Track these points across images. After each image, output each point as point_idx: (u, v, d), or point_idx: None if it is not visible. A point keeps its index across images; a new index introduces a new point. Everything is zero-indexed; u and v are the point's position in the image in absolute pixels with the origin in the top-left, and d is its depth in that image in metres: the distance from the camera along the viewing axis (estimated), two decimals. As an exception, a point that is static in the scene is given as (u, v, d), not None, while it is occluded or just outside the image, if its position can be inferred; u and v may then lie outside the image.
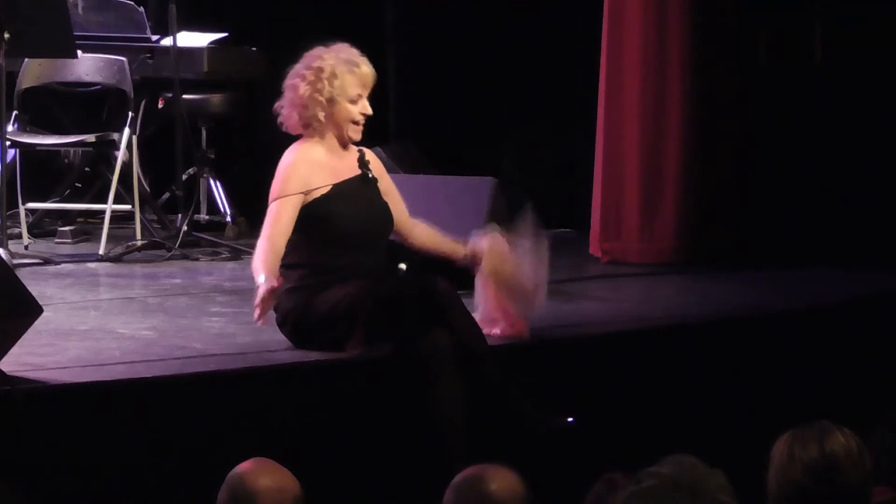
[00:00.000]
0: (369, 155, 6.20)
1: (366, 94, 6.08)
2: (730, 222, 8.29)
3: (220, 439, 5.19)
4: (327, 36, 7.50)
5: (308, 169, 6.02)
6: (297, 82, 6.08)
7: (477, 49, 8.94)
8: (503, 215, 7.46)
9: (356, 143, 6.16)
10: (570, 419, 5.90)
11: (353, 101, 6.05)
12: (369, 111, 6.09)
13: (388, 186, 6.21)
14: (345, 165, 6.12)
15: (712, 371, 6.52)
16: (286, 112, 6.11)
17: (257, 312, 5.75)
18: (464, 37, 8.98)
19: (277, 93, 8.74)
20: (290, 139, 6.16)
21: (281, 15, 9.05)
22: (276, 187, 6.05)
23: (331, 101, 6.04)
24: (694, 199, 8.25)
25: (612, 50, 8.31)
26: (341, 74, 6.04)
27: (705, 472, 4.01)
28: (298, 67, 6.11)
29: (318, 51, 6.14)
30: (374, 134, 7.28)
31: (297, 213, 5.97)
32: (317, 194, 6.03)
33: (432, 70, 7.97)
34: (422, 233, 6.21)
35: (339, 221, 6.01)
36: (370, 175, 6.14)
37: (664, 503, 3.83)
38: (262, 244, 5.97)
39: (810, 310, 7.29)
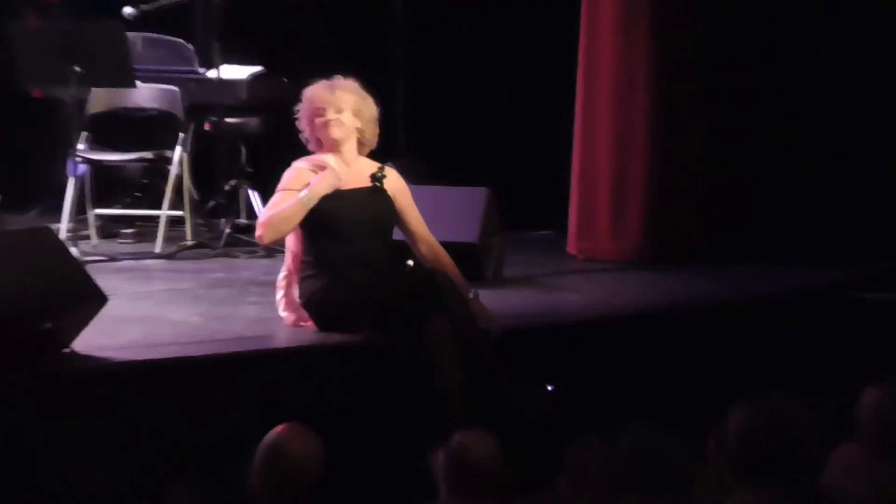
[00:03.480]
0: (390, 173, 6.16)
1: (329, 107, 6.04)
2: (690, 224, 8.19)
3: (255, 409, 5.18)
4: (344, 65, 7.49)
5: (311, 174, 6.02)
6: (311, 97, 6.12)
7: (475, 74, 8.92)
8: (495, 220, 7.47)
9: (373, 158, 6.16)
10: (549, 387, 5.90)
11: (319, 115, 6.04)
12: (330, 118, 6.03)
13: (404, 202, 6.16)
14: (353, 177, 6.08)
15: (672, 352, 6.48)
16: (301, 122, 6.15)
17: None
18: (463, 65, 8.96)
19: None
20: (302, 153, 6.19)
21: (307, 50, 9.03)
22: (282, 182, 6.09)
23: (309, 120, 6.08)
24: (657, 203, 8.18)
25: (588, 73, 8.26)
26: (307, 99, 6.08)
27: (665, 438, 4.00)
28: (319, 86, 6.14)
29: (338, 78, 6.15)
30: (385, 151, 7.29)
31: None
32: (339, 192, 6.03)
33: (435, 94, 7.93)
34: (425, 249, 6.15)
35: (337, 222, 5.98)
36: (379, 186, 6.09)
37: (632, 464, 3.82)
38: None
39: (759, 300, 7.25)
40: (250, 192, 8.66)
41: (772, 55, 8.24)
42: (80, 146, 8.13)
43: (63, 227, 7.82)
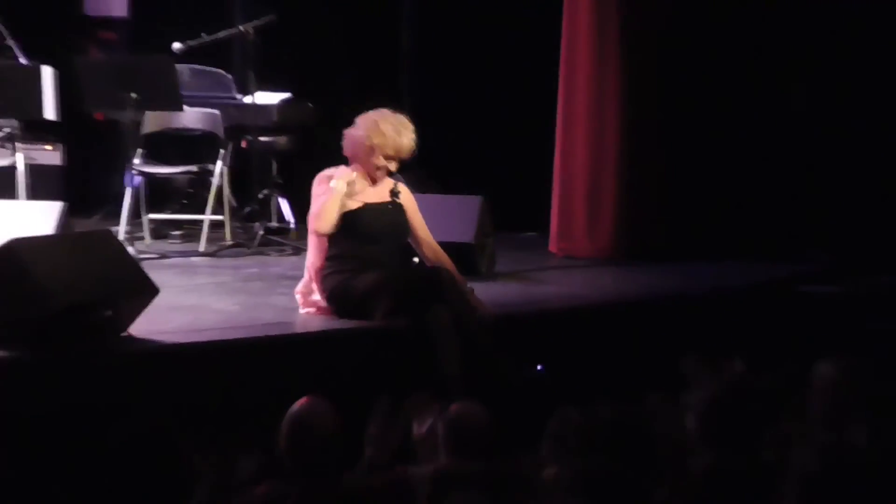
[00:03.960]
0: (403, 189, 6.16)
1: (397, 158, 6.02)
2: (656, 225, 8.18)
3: (284, 384, 5.18)
4: (359, 92, 7.47)
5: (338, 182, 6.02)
6: (361, 125, 6.05)
7: (471, 99, 8.91)
8: (487, 223, 7.48)
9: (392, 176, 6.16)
10: (539, 367, 5.91)
11: (387, 158, 6.02)
12: (392, 169, 6.05)
13: (413, 213, 6.18)
14: (376, 192, 6.09)
15: (639, 337, 6.49)
16: (347, 140, 6.08)
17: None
18: (461, 92, 8.96)
19: (326, 135, 8.75)
20: (324, 166, 6.17)
21: (328, 79, 9.04)
22: (317, 189, 6.08)
23: (371, 149, 6.01)
24: (627, 208, 8.17)
25: (567, 97, 8.26)
26: (390, 133, 6.00)
27: (633, 409, 4.01)
28: (371, 114, 6.06)
29: (386, 112, 6.08)
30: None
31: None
32: (352, 207, 6.03)
33: (437, 114, 7.93)
34: (427, 250, 6.17)
35: (363, 228, 6.01)
36: (397, 201, 6.10)
37: (604, 432, 3.83)
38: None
39: (716, 293, 7.25)
40: (280, 199, 8.70)
41: (724, 76, 8.21)
42: (136, 161, 8.16)
43: (121, 230, 7.83)
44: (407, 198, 6.20)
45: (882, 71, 8.09)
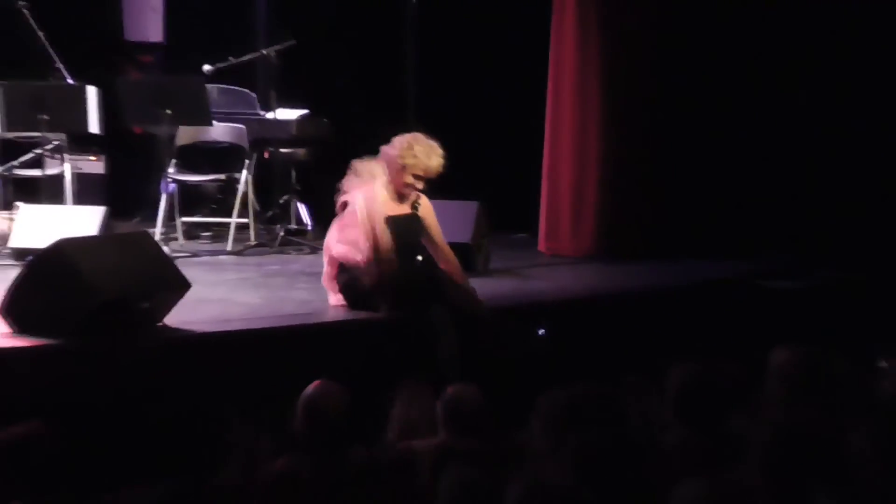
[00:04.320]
0: (423, 201, 6.08)
1: (425, 178, 5.96)
2: (632, 227, 8.13)
3: (300, 367, 5.19)
4: (369, 110, 7.41)
5: (381, 206, 5.94)
6: (396, 145, 5.96)
7: (470, 114, 8.90)
8: (484, 225, 7.48)
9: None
10: (540, 331, 5.90)
11: (416, 177, 5.96)
12: (419, 188, 5.98)
13: (431, 222, 6.11)
14: (399, 205, 6.03)
15: (618, 326, 6.48)
16: (382, 156, 6.00)
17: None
18: (461, 108, 8.94)
19: (339, 148, 8.77)
20: (343, 176, 6.14)
21: (341, 98, 9.04)
22: (367, 210, 5.96)
23: (403, 168, 5.96)
24: (606, 212, 8.12)
25: (554, 113, 8.23)
26: (420, 156, 5.94)
27: (611, 388, 4.02)
28: (407, 136, 5.99)
29: (419, 136, 6.01)
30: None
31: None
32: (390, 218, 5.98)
33: (439, 127, 7.91)
34: (438, 252, 6.12)
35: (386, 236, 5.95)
36: (416, 212, 6.05)
37: (586, 407, 3.83)
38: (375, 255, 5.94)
39: (686, 287, 7.23)
40: (299, 204, 8.69)
41: (695, 92, 8.15)
42: (170, 170, 8.15)
43: (157, 231, 7.82)
44: (426, 210, 6.13)
45: (841, 77, 8.02)
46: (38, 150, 8.00)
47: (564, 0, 8.15)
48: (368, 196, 5.97)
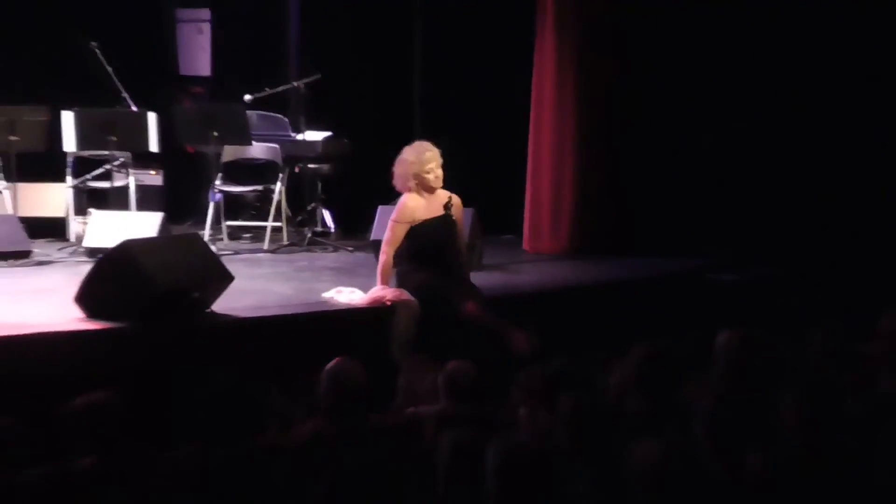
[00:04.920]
0: (455, 202, 5.95)
1: (433, 165, 5.84)
2: (603, 229, 8.06)
3: (325, 346, 5.18)
4: (382, 132, 7.35)
5: (412, 211, 5.87)
6: (400, 166, 5.88)
7: (465, 133, 8.82)
8: (477, 228, 7.47)
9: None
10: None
11: (427, 172, 5.86)
12: (439, 174, 5.87)
13: (458, 216, 6.00)
14: (434, 207, 5.90)
15: (589, 313, 6.45)
16: (397, 181, 5.91)
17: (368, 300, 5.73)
18: (458, 128, 8.88)
19: (358, 164, 8.76)
20: (360, 187, 6.10)
21: (359, 121, 9.04)
22: (394, 215, 5.88)
23: (416, 175, 5.85)
24: (580, 217, 8.07)
25: (535, 130, 8.18)
26: (409, 160, 5.86)
27: (580, 363, 4.02)
28: (401, 157, 5.89)
29: (414, 143, 5.93)
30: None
31: (404, 233, 5.86)
32: (418, 221, 5.88)
33: (439, 144, 7.95)
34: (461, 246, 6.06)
35: (421, 240, 5.86)
36: (449, 214, 5.93)
37: (561, 380, 3.84)
38: (383, 251, 5.84)
39: (646, 280, 7.16)
40: (323, 210, 8.67)
41: (651, 114, 8.06)
42: (217, 182, 8.13)
43: (206, 233, 7.81)
44: (457, 209, 5.99)
45: (778, 102, 7.94)
46: (108, 166, 8.02)
47: (545, 31, 8.09)
48: (401, 203, 5.92)
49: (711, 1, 7.90)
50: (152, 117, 8.02)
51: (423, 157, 5.85)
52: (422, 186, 5.87)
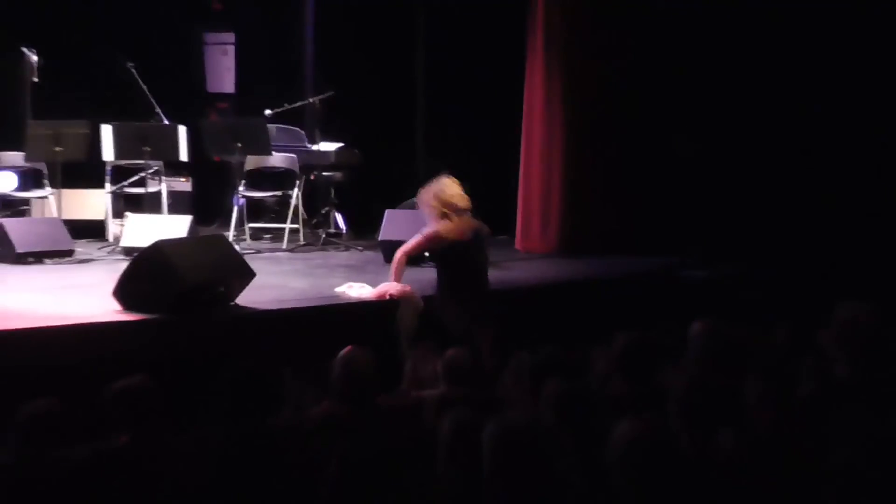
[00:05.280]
0: (483, 230, 5.72)
1: (455, 188, 5.62)
2: (589, 230, 8.04)
3: (337, 335, 5.15)
4: (389, 143, 7.28)
5: (445, 232, 5.62)
6: (428, 204, 5.66)
7: (463, 143, 8.83)
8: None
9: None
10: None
11: (452, 195, 5.61)
12: (464, 195, 5.66)
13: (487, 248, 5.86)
14: (461, 231, 5.65)
15: (575, 306, 6.44)
16: (429, 213, 5.67)
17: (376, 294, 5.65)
18: (458, 139, 8.89)
19: (367, 173, 8.72)
20: (369, 192, 6.05)
21: (368, 133, 9.03)
22: (429, 232, 5.62)
23: (441, 198, 5.62)
24: (567, 218, 8.06)
25: (527, 138, 8.16)
26: (439, 187, 5.64)
27: (564, 351, 4.01)
28: (432, 192, 5.63)
29: (434, 187, 5.68)
30: (406, 182, 7.22)
31: (424, 250, 5.75)
32: (450, 242, 5.67)
33: (441, 155, 7.87)
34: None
35: (454, 259, 5.67)
36: (480, 237, 5.72)
37: (546, 367, 3.83)
38: (401, 252, 5.64)
39: (626, 277, 7.17)
40: (336, 214, 8.67)
41: (631, 123, 8.00)
42: (241, 188, 8.10)
43: (231, 234, 7.79)
44: (485, 235, 5.82)
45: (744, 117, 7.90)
46: (142, 174, 8.01)
47: (535, 46, 8.07)
48: (434, 226, 5.66)
49: (695, 6, 7.80)
50: (182, 130, 8.02)
51: (442, 182, 5.67)
52: (449, 208, 5.61)
